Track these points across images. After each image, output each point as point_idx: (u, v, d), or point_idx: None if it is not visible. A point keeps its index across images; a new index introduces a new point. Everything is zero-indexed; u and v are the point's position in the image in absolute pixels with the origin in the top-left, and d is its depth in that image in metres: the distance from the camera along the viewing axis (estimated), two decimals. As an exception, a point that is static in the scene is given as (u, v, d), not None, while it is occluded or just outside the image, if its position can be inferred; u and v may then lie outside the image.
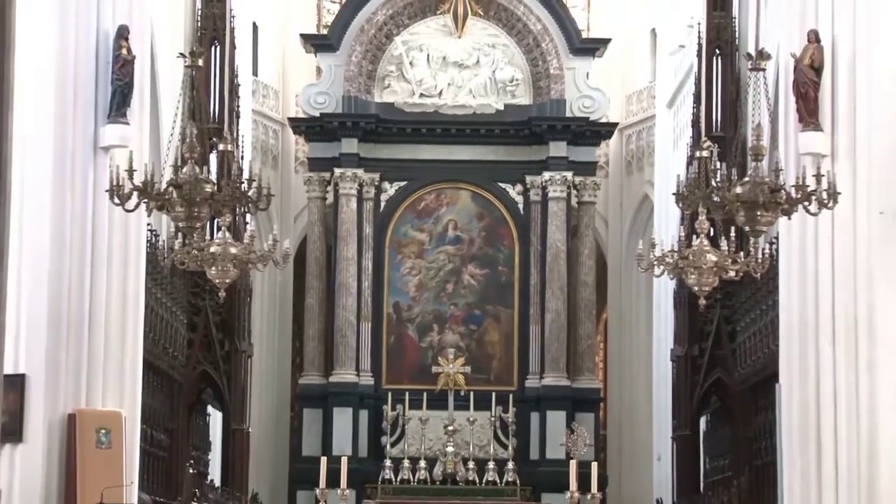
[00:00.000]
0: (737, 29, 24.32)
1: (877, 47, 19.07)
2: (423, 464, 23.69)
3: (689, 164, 21.10)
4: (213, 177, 17.49)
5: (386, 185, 28.08)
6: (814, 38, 19.29)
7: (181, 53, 20.13)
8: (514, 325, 27.92)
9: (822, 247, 19.11)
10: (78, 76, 19.40)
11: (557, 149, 27.71)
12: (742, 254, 18.60)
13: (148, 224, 20.68)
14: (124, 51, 19.73)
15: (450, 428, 24.20)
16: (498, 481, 23.17)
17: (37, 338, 18.42)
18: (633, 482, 29.17)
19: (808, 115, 19.16)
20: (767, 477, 21.09)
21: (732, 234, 18.50)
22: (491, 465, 23.58)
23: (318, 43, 28.99)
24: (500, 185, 28.11)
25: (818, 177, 16.26)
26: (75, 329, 19.06)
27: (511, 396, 26.76)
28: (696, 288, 18.93)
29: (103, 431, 19.16)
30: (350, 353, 27.31)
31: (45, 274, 18.62)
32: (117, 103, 19.62)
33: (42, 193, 18.62)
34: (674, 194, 18.05)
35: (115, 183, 16.55)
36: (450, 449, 23.72)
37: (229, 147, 19.33)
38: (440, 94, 28.29)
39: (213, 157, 20.51)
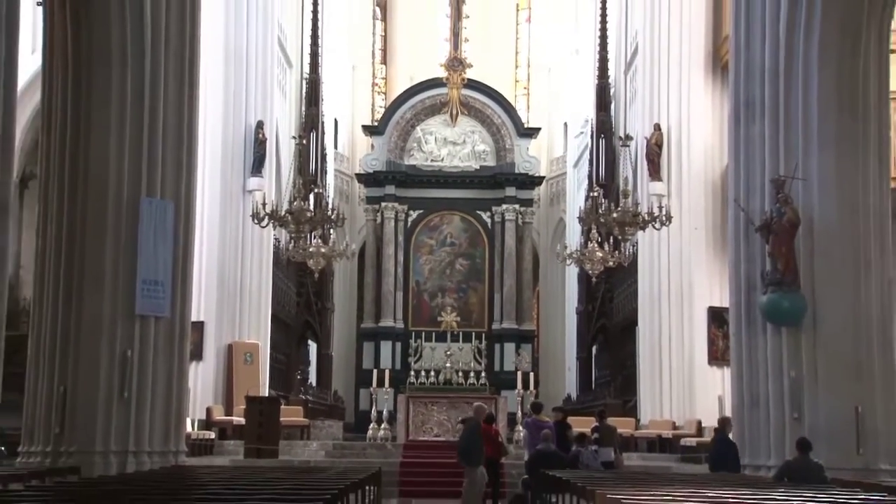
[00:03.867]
0: (613, 122, 24.38)
1: (694, 134, 19.24)
2: (432, 374, 23.66)
3: (586, 200, 21.17)
4: (312, 207, 17.60)
5: (411, 212, 27.96)
6: (657, 127, 19.42)
7: (293, 136, 20.29)
8: (485, 293, 27.77)
9: (662, 248, 19.23)
10: (234, 149, 19.51)
11: (510, 192, 27.61)
12: (616, 252, 18.71)
13: (274, 234, 20.74)
14: (260, 135, 19.83)
15: (448, 353, 24.19)
16: (476, 384, 23.13)
17: (210, 300, 18.56)
18: (554, 384, 29.12)
19: (654, 172, 19.27)
20: (631, 381, 21.17)
21: (611, 240, 18.57)
22: (472, 374, 23.54)
23: (372, 130, 28.97)
24: (478, 212, 27.95)
25: (660, 207, 16.40)
26: (232, 295, 19.16)
27: (483, 335, 26.72)
28: (590, 271, 19.09)
29: (248, 354, 19.26)
30: (390, 309, 27.23)
31: (214, 263, 18.74)
32: (256, 165, 19.74)
33: (213, 217, 18.74)
34: (577, 218, 18.19)
35: (254, 211, 16.67)
36: (448, 365, 23.69)
37: (321, 190, 19.44)
38: (442, 160, 28.16)
39: (311, 197, 20.56)
